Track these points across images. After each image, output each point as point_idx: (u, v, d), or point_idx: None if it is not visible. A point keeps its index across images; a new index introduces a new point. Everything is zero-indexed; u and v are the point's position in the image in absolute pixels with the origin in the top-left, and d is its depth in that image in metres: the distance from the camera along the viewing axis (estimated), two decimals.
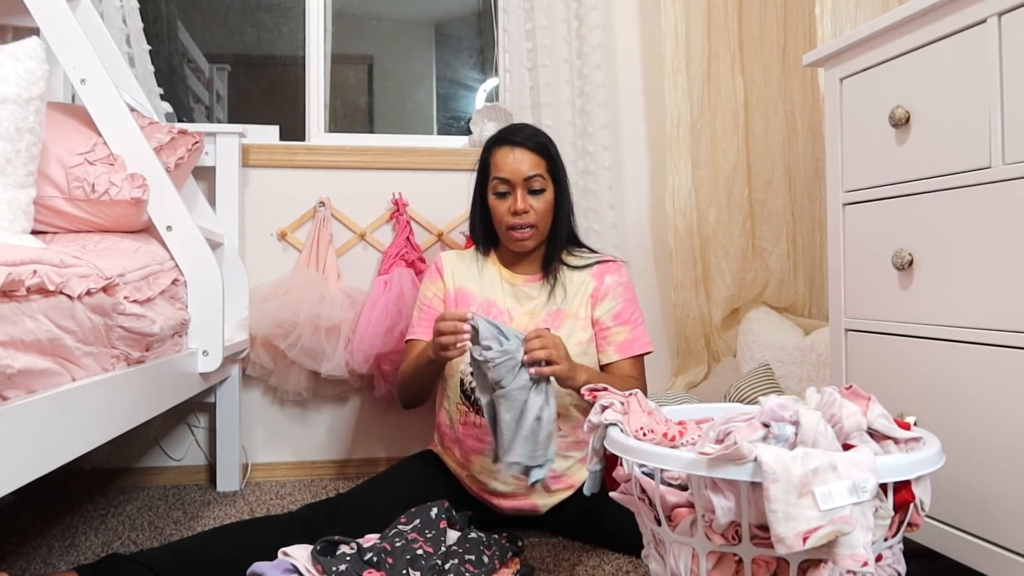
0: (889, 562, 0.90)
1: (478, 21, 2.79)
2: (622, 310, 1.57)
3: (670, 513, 0.93)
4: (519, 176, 1.52)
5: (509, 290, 1.60)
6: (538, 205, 1.54)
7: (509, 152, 1.54)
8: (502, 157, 1.55)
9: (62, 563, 1.43)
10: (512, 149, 1.54)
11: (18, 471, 0.89)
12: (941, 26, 1.15)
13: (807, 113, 2.23)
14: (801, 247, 2.27)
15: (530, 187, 1.53)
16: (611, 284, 1.58)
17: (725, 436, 0.88)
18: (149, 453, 2.08)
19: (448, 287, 1.63)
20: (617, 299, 1.57)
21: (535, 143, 1.55)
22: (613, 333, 1.56)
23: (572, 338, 1.53)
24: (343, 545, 1.21)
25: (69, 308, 1.04)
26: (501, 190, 1.55)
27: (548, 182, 1.55)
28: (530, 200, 1.53)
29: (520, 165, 1.53)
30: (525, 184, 1.53)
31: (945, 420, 1.15)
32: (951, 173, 1.14)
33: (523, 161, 1.53)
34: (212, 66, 3.23)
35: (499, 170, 1.54)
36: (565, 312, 1.56)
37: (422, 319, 1.64)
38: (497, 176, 1.54)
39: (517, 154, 1.53)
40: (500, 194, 1.55)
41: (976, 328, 1.10)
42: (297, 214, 2.14)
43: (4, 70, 1.33)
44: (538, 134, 1.58)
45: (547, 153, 1.56)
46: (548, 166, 1.56)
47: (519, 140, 1.55)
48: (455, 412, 1.56)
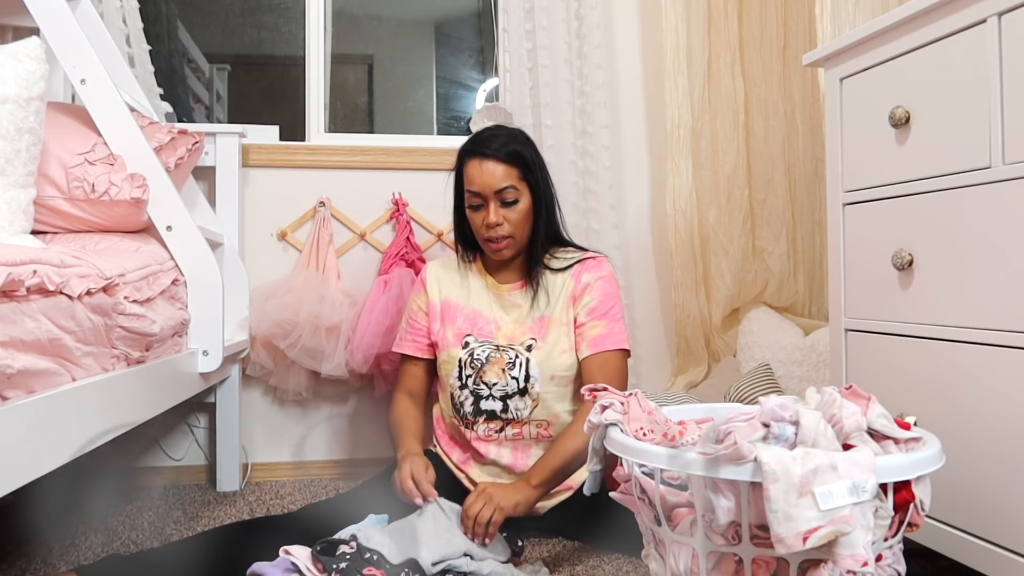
0: (889, 562, 0.90)
1: (478, 21, 2.79)
2: (598, 305, 1.54)
3: (670, 513, 0.93)
4: (490, 189, 1.50)
5: (495, 300, 1.60)
6: (512, 216, 1.51)
7: (479, 165, 1.51)
8: (473, 170, 1.51)
9: (62, 563, 1.43)
10: (481, 162, 1.50)
11: (18, 471, 0.89)
12: (941, 26, 1.15)
13: (807, 113, 2.23)
14: (801, 247, 2.27)
15: (502, 199, 1.50)
16: (588, 281, 1.55)
17: (725, 436, 0.88)
18: (149, 453, 2.08)
19: (432, 299, 1.62)
20: (593, 294, 1.54)
21: (505, 153, 1.50)
22: (587, 328, 1.53)
23: (558, 345, 1.53)
24: (343, 545, 1.21)
25: (69, 308, 1.04)
26: (474, 203, 1.53)
27: (522, 190, 1.52)
28: (503, 212, 1.50)
29: (490, 179, 1.49)
30: (497, 196, 1.50)
31: (945, 420, 1.15)
32: (951, 173, 1.14)
33: (494, 174, 1.49)
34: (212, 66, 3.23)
35: (471, 183, 1.52)
36: (549, 318, 1.55)
37: (408, 332, 1.65)
38: (469, 189, 1.52)
39: (487, 167, 1.50)
40: (474, 207, 1.53)
41: (976, 328, 1.10)
42: (297, 214, 2.14)
43: (4, 70, 1.33)
44: (509, 141, 1.53)
45: (520, 161, 1.52)
46: (521, 173, 1.52)
47: (488, 152, 1.50)
48: (449, 423, 1.57)
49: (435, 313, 1.61)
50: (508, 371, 1.50)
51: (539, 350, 1.52)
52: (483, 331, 1.56)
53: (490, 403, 1.51)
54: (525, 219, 1.53)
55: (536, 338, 1.54)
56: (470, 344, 1.55)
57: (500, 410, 1.51)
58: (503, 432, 1.52)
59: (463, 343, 1.55)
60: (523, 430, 1.52)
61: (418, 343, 1.63)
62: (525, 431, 1.52)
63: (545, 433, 1.52)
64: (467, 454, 1.57)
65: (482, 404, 1.52)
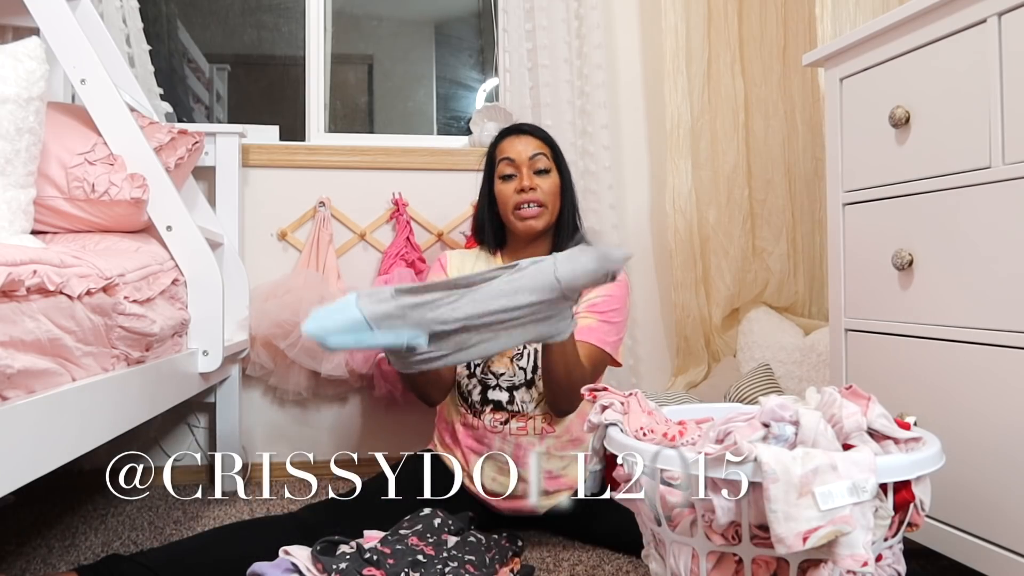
0: (889, 562, 0.90)
1: (478, 21, 2.79)
2: (600, 303, 1.54)
3: (670, 513, 0.93)
4: (524, 156, 1.59)
5: None
6: (544, 184, 1.58)
7: (515, 139, 1.62)
8: (508, 144, 1.62)
9: (62, 563, 1.43)
10: (517, 136, 1.63)
11: (18, 471, 0.89)
12: (941, 26, 1.15)
13: (807, 113, 2.23)
14: (801, 247, 2.27)
15: (535, 167, 1.58)
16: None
17: (725, 436, 0.88)
18: (149, 453, 2.08)
19: None
20: (599, 291, 1.54)
21: (540, 133, 1.65)
22: (580, 318, 1.50)
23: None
24: (343, 544, 1.21)
25: (69, 308, 1.04)
26: (507, 172, 1.59)
27: (552, 167, 1.60)
28: (536, 179, 1.57)
29: (525, 147, 1.60)
30: (530, 164, 1.58)
31: (945, 420, 1.15)
32: (951, 173, 1.14)
33: (528, 143, 1.60)
34: (212, 66, 3.23)
35: (504, 152, 1.61)
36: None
37: None
38: (503, 157, 1.61)
39: (522, 139, 1.62)
40: (506, 177, 1.59)
41: (976, 328, 1.10)
42: (297, 214, 2.13)
43: (4, 70, 1.33)
44: (542, 129, 1.68)
45: (551, 143, 1.64)
46: (552, 153, 1.62)
47: (525, 129, 1.65)
48: (455, 413, 1.57)
49: None
50: (516, 361, 1.52)
51: None
52: None
53: (497, 393, 1.51)
54: (556, 193, 1.60)
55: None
56: None
57: (506, 401, 1.51)
58: (508, 425, 1.52)
59: None
60: (528, 425, 1.52)
61: None
62: (530, 426, 1.52)
63: (550, 429, 1.52)
64: (468, 451, 1.56)
65: (489, 394, 1.52)
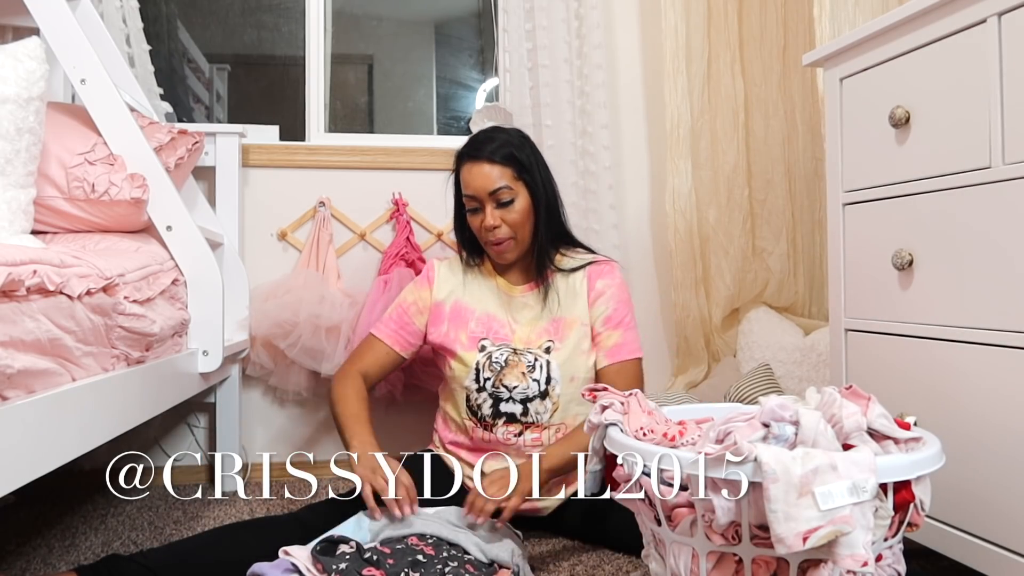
0: (889, 562, 0.90)
1: (478, 21, 2.79)
2: (612, 313, 1.55)
3: (670, 513, 0.93)
4: (484, 191, 1.48)
5: (507, 302, 1.59)
6: (510, 216, 1.50)
7: (472, 167, 1.50)
8: (467, 173, 1.51)
9: (62, 563, 1.43)
10: (474, 164, 1.50)
11: (18, 471, 0.89)
12: (941, 26, 1.15)
13: (807, 113, 2.23)
14: (801, 247, 2.27)
15: (498, 200, 1.49)
16: (603, 288, 1.55)
17: (725, 436, 0.88)
18: (149, 453, 2.08)
19: (438, 299, 1.60)
20: (608, 303, 1.55)
21: (500, 156, 1.49)
22: (604, 338, 1.54)
23: (579, 347, 1.53)
24: (343, 544, 1.21)
25: (69, 308, 1.04)
26: (471, 207, 1.52)
27: (518, 190, 1.50)
28: (500, 213, 1.49)
29: (484, 181, 1.48)
30: (492, 198, 1.49)
31: (945, 420, 1.15)
32: (951, 173, 1.14)
33: (488, 176, 1.48)
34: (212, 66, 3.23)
35: (466, 187, 1.52)
36: (565, 320, 1.55)
37: (392, 319, 1.60)
38: (465, 193, 1.53)
39: (481, 169, 1.49)
40: (471, 210, 1.53)
41: (976, 328, 1.10)
42: (297, 214, 2.14)
43: (4, 70, 1.33)
44: (504, 145, 1.51)
45: (513, 161, 1.50)
46: (515, 173, 1.50)
47: (480, 155, 1.50)
48: (464, 425, 1.56)
49: (441, 315, 1.59)
50: (529, 374, 1.50)
51: (558, 352, 1.52)
52: (498, 334, 1.55)
53: (510, 406, 1.50)
54: (524, 219, 1.52)
55: (553, 339, 1.53)
56: (487, 347, 1.53)
57: (520, 413, 1.50)
58: (522, 436, 1.51)
59: (479, 346, 1.54)
60: (542, 435, 1.51)
61: (399, 335, 1.59)
62: (544, 436, 1.51)
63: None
64: (475, 455, 1.55)
65: (502, 407, 1.51)
